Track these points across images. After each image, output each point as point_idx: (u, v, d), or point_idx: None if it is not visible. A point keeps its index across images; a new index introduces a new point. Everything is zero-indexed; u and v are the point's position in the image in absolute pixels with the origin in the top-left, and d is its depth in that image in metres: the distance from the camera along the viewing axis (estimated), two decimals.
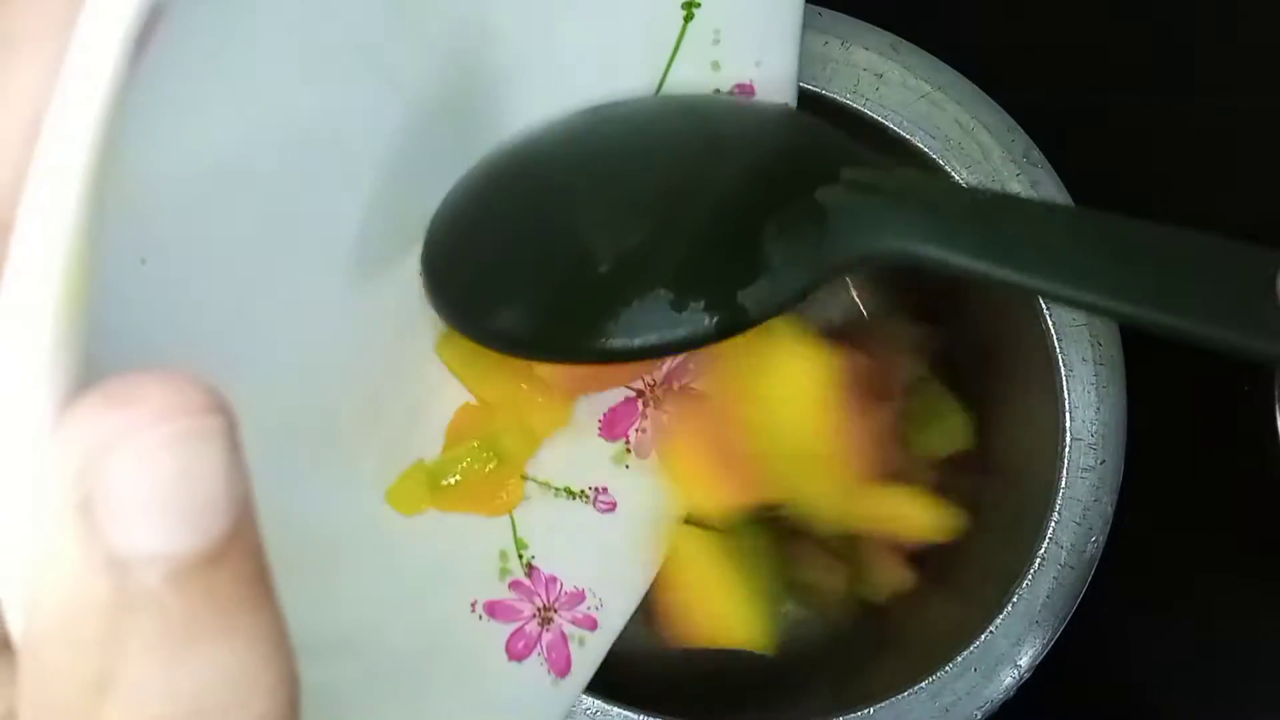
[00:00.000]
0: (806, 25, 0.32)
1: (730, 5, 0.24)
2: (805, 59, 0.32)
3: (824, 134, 0.22)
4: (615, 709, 0.29)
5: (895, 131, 0.32)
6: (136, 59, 0.10)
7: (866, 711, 0.30)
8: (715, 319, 0.20)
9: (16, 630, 0.10)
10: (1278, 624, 0.38)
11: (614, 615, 0.27)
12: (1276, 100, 0.41)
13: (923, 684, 0.30)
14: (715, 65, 0.25)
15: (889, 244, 0.20)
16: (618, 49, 0.24)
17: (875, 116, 0.32)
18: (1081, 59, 0.41)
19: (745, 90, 0.25)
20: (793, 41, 0.25)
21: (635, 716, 0.29)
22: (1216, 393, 0.35)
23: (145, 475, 0.10)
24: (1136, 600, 0.37)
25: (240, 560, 0.10)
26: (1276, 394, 0.32)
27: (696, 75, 0.25)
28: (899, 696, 0.30)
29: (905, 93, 0.32)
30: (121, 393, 0.10)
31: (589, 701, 0.29)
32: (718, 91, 0.25)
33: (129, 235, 0.17)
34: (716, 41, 0.25)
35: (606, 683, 0.29)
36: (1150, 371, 0.32)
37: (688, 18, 0.24)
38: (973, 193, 0.21)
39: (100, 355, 0.10)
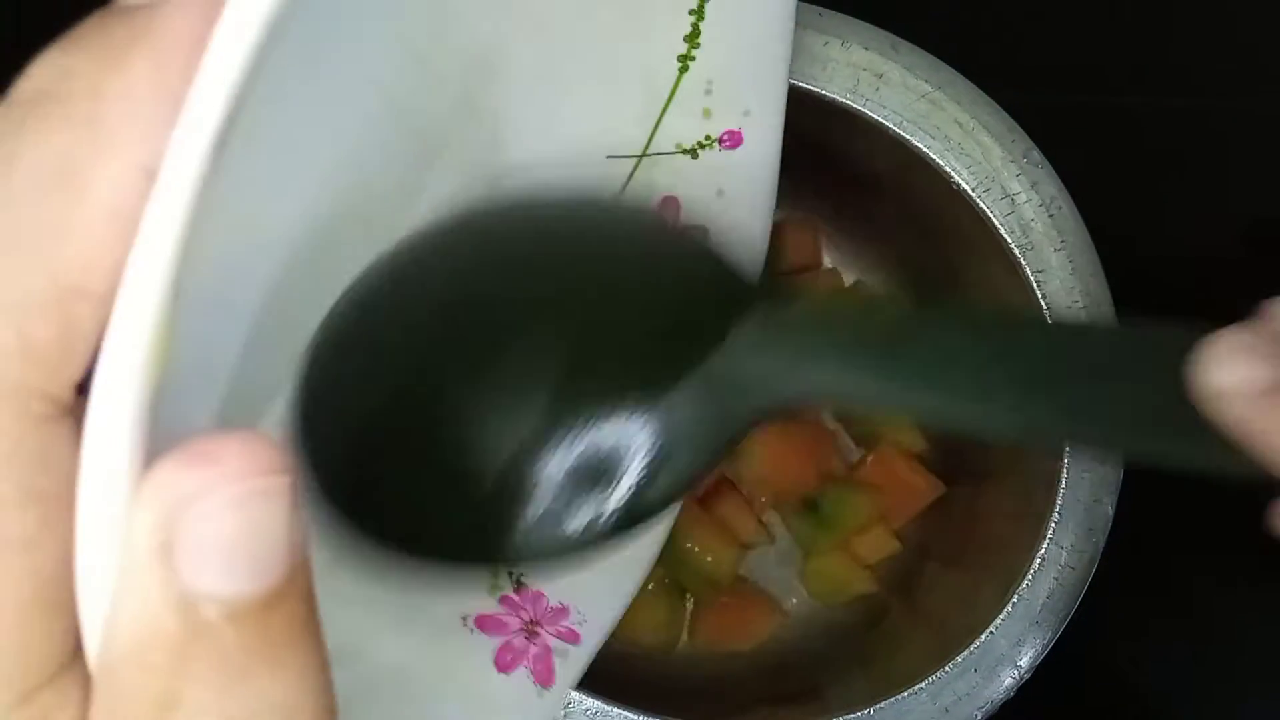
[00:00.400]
0: (806, 25, 0.32)
1: (722, 59, 0.25)
2: (805, 58, 0.32)
3: (709, 278, 0.20)
4: (615, 709, 0.29)
5: (895, 132, 0.32)
6: (219, 157, 0.11)
7: (866, 712, 0.30)
8: (619, 523, 0.19)
9: (93, 652, 0.12)
10: (1277, 625, 0.38)
11: (596, 629, 0.28)
12: (1276, 100, 0.41)
13: (923, 684, 0.30)
14: (706, 113, 0.26)
15: (792, 398, 0.19)
16: (616, 97, 0.26)
17: (875, 117, 0.32)
18: (1082, 59, 0.41)
19: (734, 137, 0.27)
20: (780, 93, 0.27)
21: (635, 717, 0.29)
22: None
23: (218, 527, 0.11)
24: (1137, 601, 0.37)
25: (293, 603, 0.12)
26: None
27: (688, 122, 0.26)
28: (899, 696, 0.30)
29: (905, 93, 0.32)
30: (202, 453, 0.11)
31: (589, 702, 0.29)
32: (708, 138, 0.27)
33: None
34: (709, 92, 0.26)
35: (607, 683, 0.29)
36: None
37: (683, 69, 0.26)
38: (869, 319, 0.19)
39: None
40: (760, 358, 0.19)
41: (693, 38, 0.25)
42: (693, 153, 0.27)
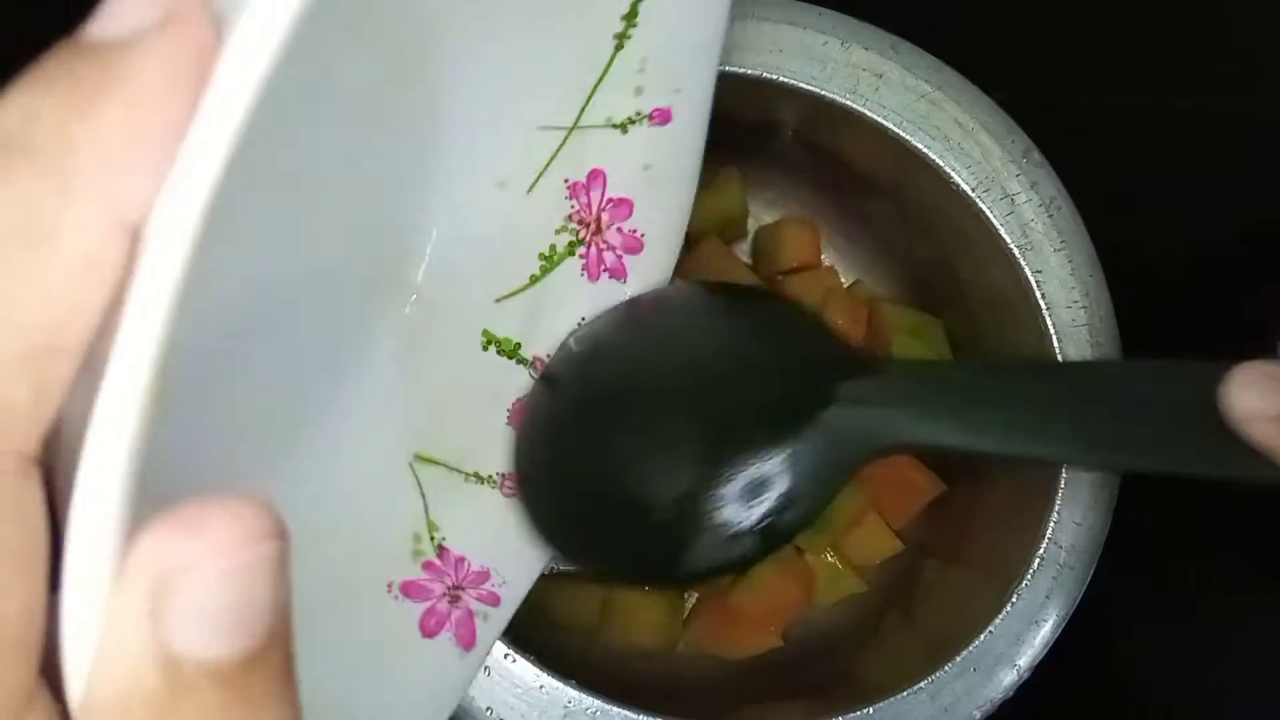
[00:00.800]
0: (806, 25, 0.32)
1: (658, 38, 0.26)
2: (804, 58, 0.32)
3: (819, 348, 0.27)
4: (615, 708, 0.29)
5: (894, 132, 0.32)
6: (216, 210, 0.11)
7: (866, 711, 0.30)
8: (761, 546, 0.25)
9: (75, 697, 0.12)
10: (1276, 626, 0.38)
11: (515, 591, 0.29)
12: (1276, 100, 0.41)
13: (922, 684, 0.30)
14: (638, 90, 0.27)
15: (889, 445, 0.25)
16: (551, 71, 0.26)
17: (875, 117, 0.32)
18: (1082, 60, 0.41)
19: (663, 114, 0.27)
20: (711, 71, 0.27)
21: (636, 716, 0.29)
22: None
23: (206, 596, 0.11)
24: (1136, 600, 0.37)
25: (273, 661, 0.12)
26: None
27: (620, 99, 0.27)
28: (898, 696, 0.30)
29: (905, 93, 0.32)
30: (192, 520, 0.11)
31: (589, 701, 0.29)
32: (638, 114, 0.27)
33: None
34: (641, 70, 0.26)
35: (607, 682, 0.29)
36: None
37: (618, 47, 0.26)
38: (951, 376, 0.26)
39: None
40: (864, 413, 0.25)
41: (630, 17, 0.25)
42: (622, 128, 0.27)
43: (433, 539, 0.28)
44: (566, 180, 0.28)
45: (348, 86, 0.23)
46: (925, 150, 0.32)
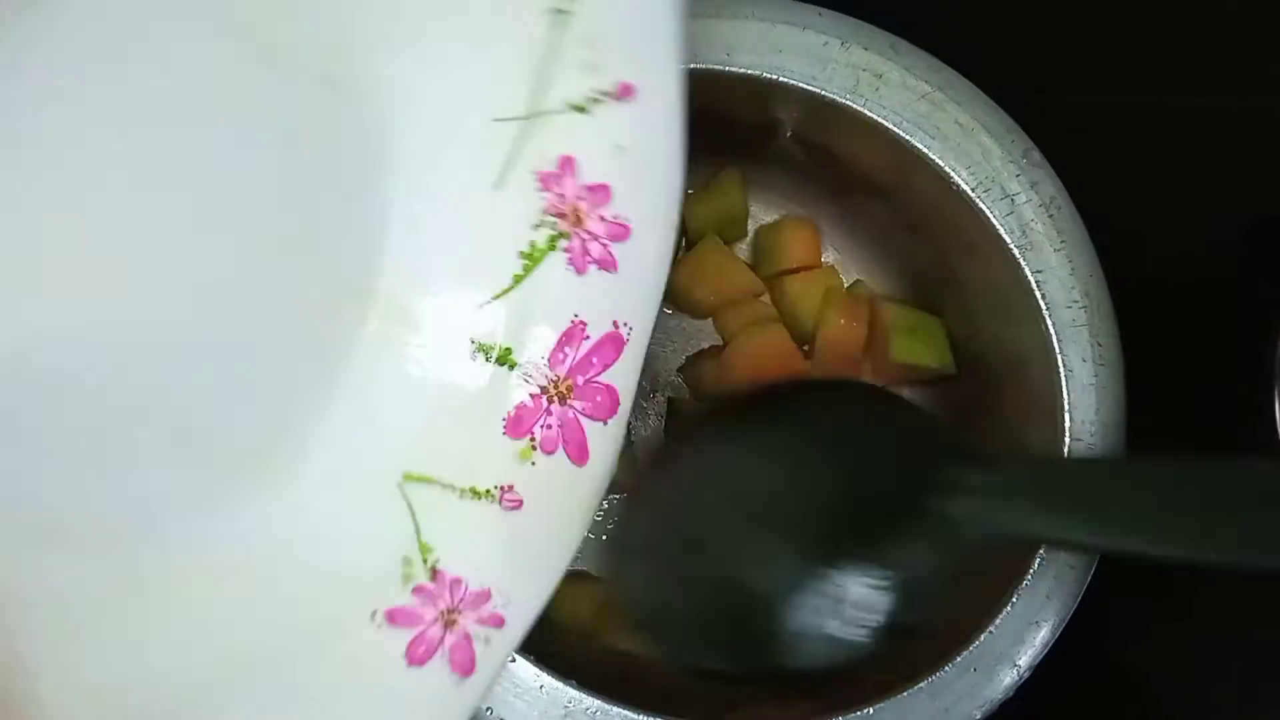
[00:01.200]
0: (806, 26, 0.32)
1: (603, 8, 0.25)
2: (805, 59, 0.32)
3: (927, 438, 0.27)
4: (615, 708, 0.29)
5: (894, 132, 0.32)
6: None
7: (866, 711, 0.30)
8: (874, 643, 0.25)
9: None
10: (1277, 625, 0.38)
11: (523, 610, 0.27)
12: (1276, 100, 0.41)
13: (922, 684, 0.30)
14: (591, 67, 0.25)
15: (1004, 536, 0.25)
16: (491, 59, 0.25)
17: (874, 117, 0.32)
18: (1081, 59, 0.41)
19: (626, 89, 0.26)
20: (674, 41, 0.25)
21: (635, 716, 0.29)
22: (1216, 394, 0.35)
23: None
24: (1137, 601, 0.37)
25: None
26: (1276, 397, 0.32)
27: (573, 77, 0.25)
28: (898, 696, 0.30)
29: (905, 93, 0.32)
30: None
31: (589, 701, 0.29)
32: (597, 91, 0.26)
33: None
34: (591, 45, 0.25)
35: (607, 682, 0.29)
36: (1150, 372, 0.32)
37: (559, 24, 0.25)
38: (1057, 468, 0.26)
39: None
40: (976, 504, 0.25)
41: None
42: (583, 109, 0.26)
43: (425, 561, 0.26)
44: (535, 172, 0.26)
45: (268, 110, 0.22)
46: (925, 150, 0.32)
